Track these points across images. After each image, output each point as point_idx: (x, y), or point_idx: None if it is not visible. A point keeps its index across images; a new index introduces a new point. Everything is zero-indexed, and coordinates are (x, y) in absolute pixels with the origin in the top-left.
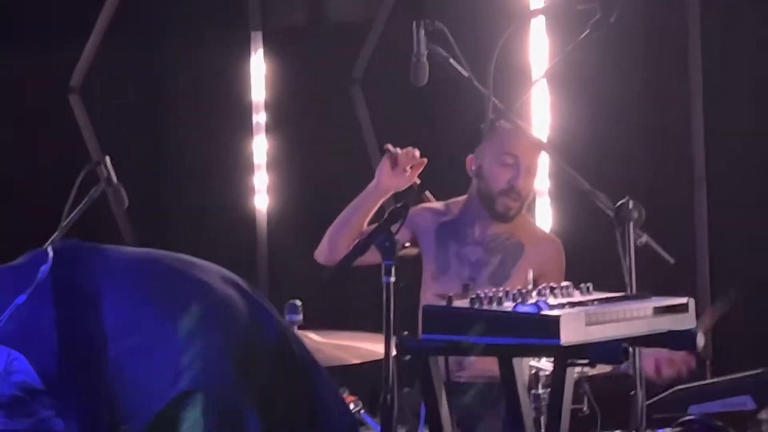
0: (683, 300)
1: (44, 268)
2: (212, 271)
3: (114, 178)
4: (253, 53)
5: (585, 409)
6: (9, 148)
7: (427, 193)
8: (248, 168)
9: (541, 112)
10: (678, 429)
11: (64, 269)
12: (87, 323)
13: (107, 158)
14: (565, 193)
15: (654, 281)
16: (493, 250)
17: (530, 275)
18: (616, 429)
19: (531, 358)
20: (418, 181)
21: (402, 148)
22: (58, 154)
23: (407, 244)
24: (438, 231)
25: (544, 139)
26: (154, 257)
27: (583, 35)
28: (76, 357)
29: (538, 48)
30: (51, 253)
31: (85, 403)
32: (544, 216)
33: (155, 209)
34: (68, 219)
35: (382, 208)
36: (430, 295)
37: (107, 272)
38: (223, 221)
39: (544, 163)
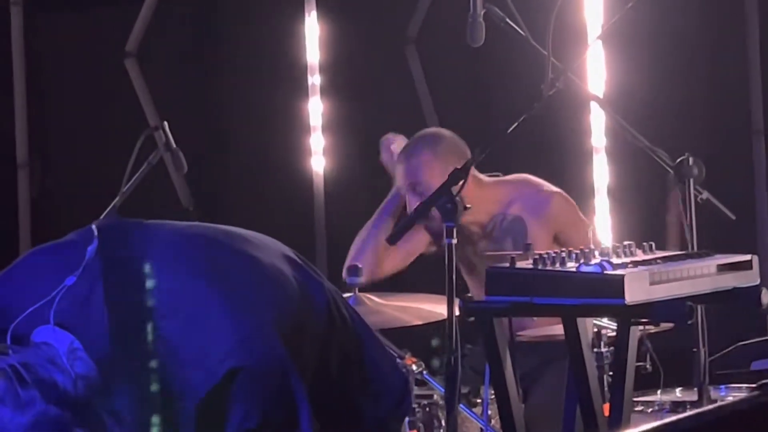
0: (747, 257)
1: (91, 248)
2: (262, 245)
3: (173, 143)
4: (307, 15)
5: (648, 366)
6: (67, 114)
7: None
8: (304, 130)
9: (598, 71)
10: (756, 392)
11: (112, 247)
12: (137, 301)
13: (165, 123)
14: (622, 150)
15: (714, 238)
16: (499, 238)
17: (590, 233)
18: (679, 386)
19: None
20: None
21: (457, 109)
22: (116, 119)
23: (432, 248)
24: None
25: (601, 97)
26: (201, 232)
27: None
28: (127, 336)
29: (594, 6)
30: (96, 232)
31: (137, 380)
32: (601, 173)
33: (213, 173)
34: (128, 185)
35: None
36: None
37: (155, 248)
38: (280, 184)
39: (600, 120)
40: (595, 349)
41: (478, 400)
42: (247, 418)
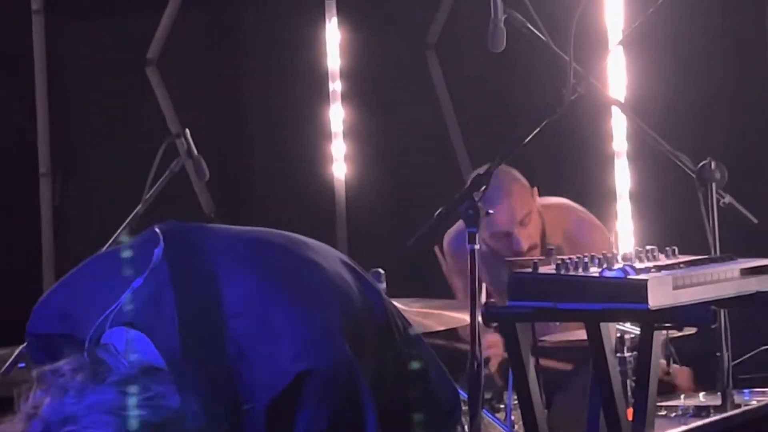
0: None
1: (158, 251)
2: (323, 251)
3: (194, 151)
4: (327, 21)
5: (669, 371)
6: (89, 122)
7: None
8: (325, 136)
9: (619, 75)
10: None
11: (179, 249)
12: (206, 302)
13: (187, 131)
14: (644, 154)
15: (736, 242)
16: None
17: (613, 238)
18: (702, 390)
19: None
20: None
21: (478, 114)
22: (138, 127)
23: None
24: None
25: (622, 101)
26: (263, 236)
27: None
28: (197, 336)
29: (615, 11)
30: (161, 235)
31: (207, 380)
32: (623, 177)
33: (235, 181)
34: (150, 192)
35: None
36: None
37: (220, 250)
38: (302, 190)
39: (622, 124)
40: (619, 354)
41: (502, 406)
42: (317, 421)
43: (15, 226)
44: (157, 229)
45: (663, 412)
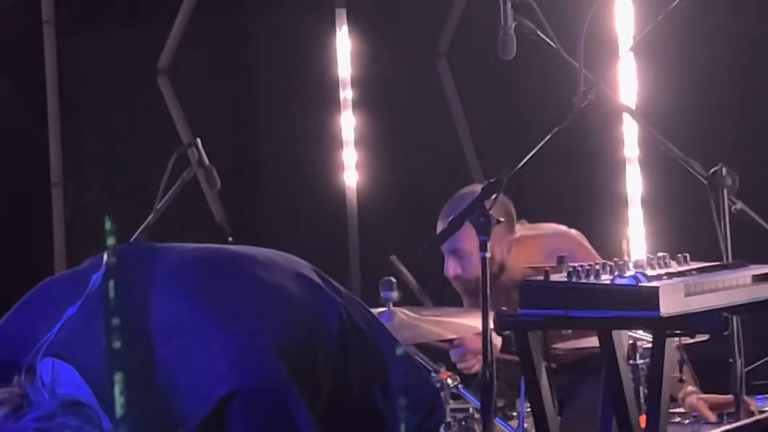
0: None
1: (96, 277)
2: (273, 265)
3: (205, 160)
4: (338, 29)
5: (683, 377)
6: (100, 132)
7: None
8: (337, 144)
9: (630, 82)
10: None
11: (117, 275)
12: (135, 330)
13: (198, 140)
14: (655, 160)
15: (748, 248)
16: None
17: (624, 245)
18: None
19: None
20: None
21: (489, 121)
22: (149, 136)
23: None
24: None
25: (633, 107)
26: (207, 255)
27: (675, 3)
28: (123, 363)
29: (625, 17)
30: (104, 260)
31: (136, 408)
32: (634, 184)
33: (246, 189)
34: (162, 202)
35: None
36: None
37: (160, 273)
38: (313, 198)
39: (633, 130)
40: (631, 361)
41: (514, 414)
42: None
43: (27, 236)
44: (104, 254)
45: (676, 419)
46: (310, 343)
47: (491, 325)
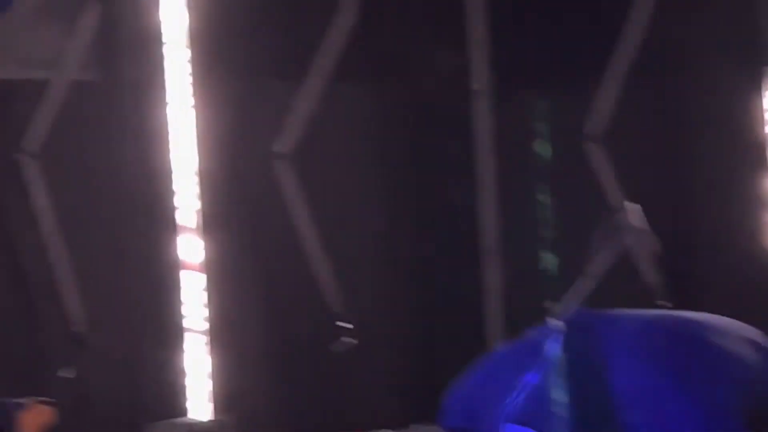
0: None
1: (553, 346)
2: (725, 331)
3: (639, 226)
4: (765, 89)
5: None
6: (528, 199)
7: None
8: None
9: None
10: None
11: (574, 343)
12: (597, 395)
13: (627, 203)
14: None
15: None
16: None
17: None
18: None
19: None
20: None
21: None
22: (574, 200)
23: None
24: None
25: None
26: (660, 323)
27: None
28: (588, 425)
29: None
30: (559, 329)
31: None
32: None
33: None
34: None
35: None
36: None
37: (617, 340)
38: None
39: None
40: None
41: None
42: None
43: (457, 308)
44: (556, 323)
45: None
46: (762, 404)
47: None
